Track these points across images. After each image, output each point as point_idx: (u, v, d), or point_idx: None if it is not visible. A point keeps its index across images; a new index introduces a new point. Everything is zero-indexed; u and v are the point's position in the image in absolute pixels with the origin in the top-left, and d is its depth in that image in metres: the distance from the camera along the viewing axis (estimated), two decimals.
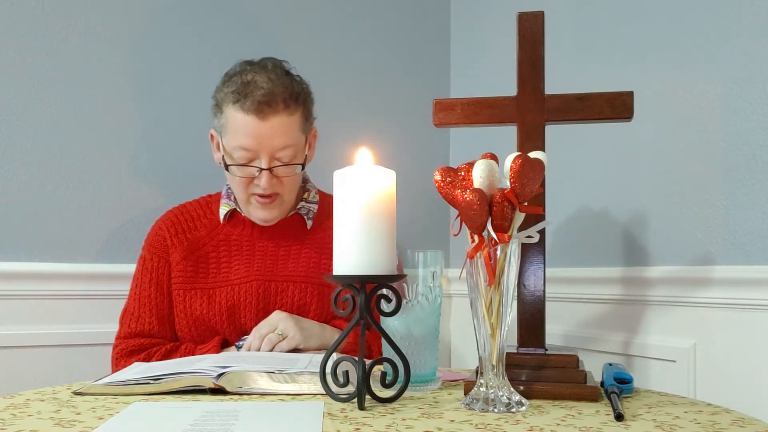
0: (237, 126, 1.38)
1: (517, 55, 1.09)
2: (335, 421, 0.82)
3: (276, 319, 1.36)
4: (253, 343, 1.33)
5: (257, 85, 1.37)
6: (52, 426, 0.79)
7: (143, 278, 1.48)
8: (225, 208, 1.51)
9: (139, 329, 1.44)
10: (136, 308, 1.46)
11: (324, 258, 1.49)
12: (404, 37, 2.08)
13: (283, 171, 1.41)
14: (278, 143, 1.38)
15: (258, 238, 1.50)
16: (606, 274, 1.57)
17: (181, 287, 1.45)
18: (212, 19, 1.85)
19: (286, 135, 1.39)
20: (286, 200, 1.47)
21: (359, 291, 0.91)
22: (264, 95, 1.36)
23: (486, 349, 0.90)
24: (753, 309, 1.27)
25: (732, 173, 1.32)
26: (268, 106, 1.36)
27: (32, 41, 1.67)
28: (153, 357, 1.41)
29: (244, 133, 1.38)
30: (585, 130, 1.40)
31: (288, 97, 1.39)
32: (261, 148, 1.38)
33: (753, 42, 1.29)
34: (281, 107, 1.38)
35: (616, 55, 1.57)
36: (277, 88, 1.38)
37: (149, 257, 1.49)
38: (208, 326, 1.43)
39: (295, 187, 1.48)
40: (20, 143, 1.65)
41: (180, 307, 1.45)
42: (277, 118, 1.37)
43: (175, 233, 1.49)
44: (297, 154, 1.42)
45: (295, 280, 1.46)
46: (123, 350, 1.44)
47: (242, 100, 1.36)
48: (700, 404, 0.95)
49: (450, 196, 0.92)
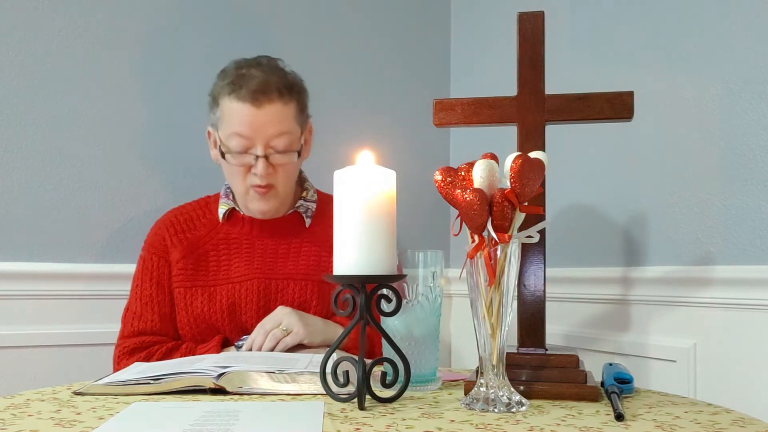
0: (233, 115, 1.41)
1: (517, 55, 1.09)
2: (335, 421, 0.82)
3: (280, 315, 1.36)
4: (257, 339, 1.33)
5: (252, 75, 1.41)
6: (52, 426, 0.79)
7: (144, 278, 1.48)
8: (224, 207, 1.51)
9: (142, 327, 1.45)
10: (138, 307, 1.46)
11: (323, 256, 1.50)
12: (404, 37, 2.08)
13: (279, 159, 1.43)
14: (273, 131, 1.40)
15: (257, 236, 1.50)
16: (606, 274, 1.57)
17: (182, 285, 1.45)
18: (212, 19, 1.85)
19: (281, 123, 1.41)
20: (281, 192, 1.47)
21: (359, 291, 0.91)
22: (259, 84, 1.39)
23: (486, 349, 0.90)
24: (753, 309, 1.27)
25: (732, 173, 1.33)
26: (263, 95, 1.39)
27: (32, 41, 1.67)
28: (154, 355, 1.41)
29: (239, 122, 1.40)
30: (585, 130, 1.40)
31: (282, 87, 1.42)
32: (256, 135, 1.40)
33: (753, 42, 1.29)
34: (276, 96, 1.40)
35: (616, 55, 1.57)
36: (271, 78, 1.41)
37: (149, 257, 1.50)
38: (209, 324, 1.43)
39: (290, 179, 1.49)
40: (20, 143, 1.65)
41: (181, 305, 1.45)
42: (272, 106, 1.40)
43: (174, 233, 1.50)
44: (292, 143, 1.44)
45: (295, 277, 1.46)
46: (125, 348, 1.44)
47: (237, 90, 1.40)
48: (700, 404, 0.95)
49: (450, 196, 0.92)
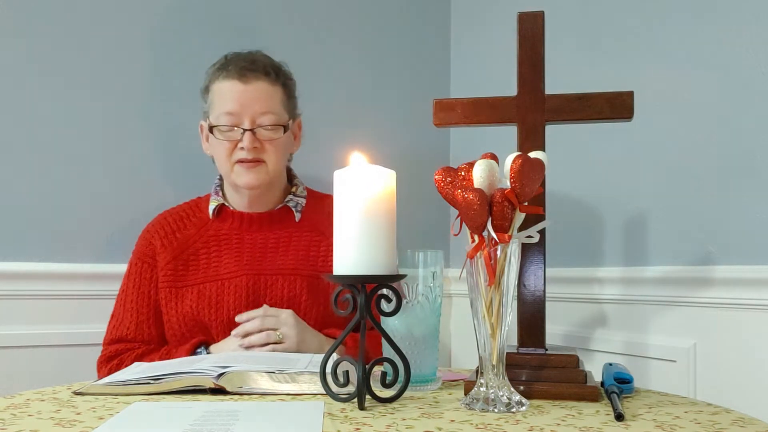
0: (222, 94, 1.46)
1: (517, 55, 1.09)
2: (335, 421, 0.82)
3: (284, 319, 1.36)
4: (254, 322, 1.34)
5: (240, 56, 1.49)
6: (52, 426, 0.79)
7: (128, 283, 1.51)
8: (214, 203, 1.53)
9: (120, 335, 1.47)
10: (120, 314, 1.49)
11: (312, 249, 1.50)
12: (404, 37, 2.07)
13: (265, 133, 1.45)
14: (259, 107, 1.44)
15: (246, 231, 1.50)
16: (606, 274, 1.57)
17: (173, 286, 1.46)
18: (210, 20, 1.84)
19: (267, 101, 1.46)
20: (271, 170, 1.47)
21: (359, 291, 0.91)
22: (245, 61, 1.47)
23: (486, 349, 0.90)
24: (753, 309, 1.27)
25: (732, 173, 1.32)
26: (250, 71, 1.45)
27: (32, 41, 1.67)
28: (124, 362, 1.42)
29: (228, 99, 1.45)
30: (585, 130, 1.40)
31: (269, 67, 1.48)
32: (243, 111, 1.44)
33: (753, 42, 1.29)
34: (262, 74, 1.46)
35: (617, 55, 1.57)
36: (258, 57, 1.50)
37: (135, 262, 1.52)
38: (197, 321, 1.44)
39: (280, 157, 1.49)
40: (20, 143, 1.65)
41: (171, 304, 1.45)
42: (259, 82, 1.45)
43: (164, 234, 1.51)
44: (279, 122, 1.46)
45: (284, 272, 1.46)
46: (104, 356, 1.47)
47: (225, 69, 1.46)
48: (700, 404, 0.95)
49: (450, 196, 0.92)
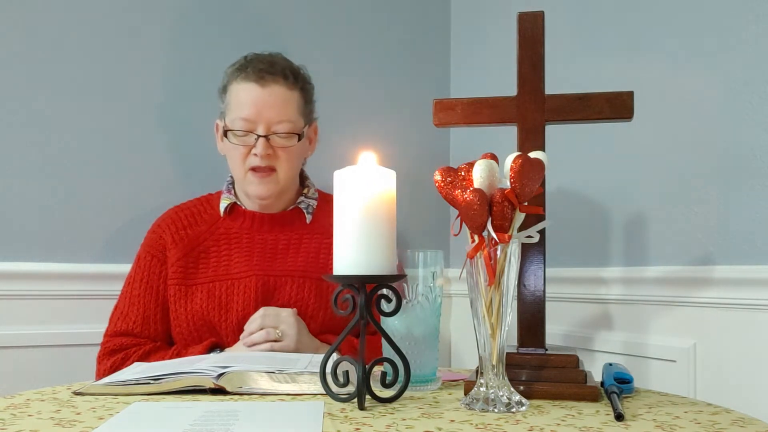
0: (239, 97, 1.45)
1: (517, 55, 1.09)
2: (335, 421, 0.82)
3: (284, 317, 1.37)
4: (255, 321, 1.35)
5: (260, 58, 1.48)
6: (52, 426, 0.79)
7: (135, 276, 1.49)
8: (225, 202, 1.53)
9: (124, 328, 1.46)
10: (125, 307, 1.48)
11: (323, 252, 1.50)
12: (404, 37, 2.07)
13: (279, 141, 1.45)
14: (275, 114, 1.44)
15: (257, 231, 1.50)
16: (606, 274, 1.57)
17: (182, 283, 1.45)
18: (212, 20, 1.84)
19: (283, 107, 1.45)
20: (282, 179, 1.48)
21: (359, 291, 0.91)
22: (264, 64, 1.46)
23: (486, 349, 0.90)
24: (753, 309, 1.27)
25: (731, 173, 1.32)
26: (269, 74, 1.44)
27: (32, 39, 1.67)
28: (130, 358, 1.41)
29: (245, 103, 1.44)
30: (585, 130, 1.40)
31: (288, 70, 1.47)
32: (259, 117, 1.43)
33: (753, 42, 1.29)
34: (281, 77, 1.45)
35: (616, 55, 1.57)
36: (278, 60, 1.49)
37: (144, 256, 1.50)
38: (206, 320, 1.43)
39: (292, 166, 1.49)
40: (20, 143, 1.65)
41: (181, 302, 1.45)
42: (277, 86, 1.45)
43: (175, 230, 1.50)
44: (293, 131, 1.46)
45: (294, 275, 1.46)
46: (107, 348, 1.46)
47: (244, 70, 1.46)
48: (700, 404, 0.95)
49: (450, 196, 0.92)
